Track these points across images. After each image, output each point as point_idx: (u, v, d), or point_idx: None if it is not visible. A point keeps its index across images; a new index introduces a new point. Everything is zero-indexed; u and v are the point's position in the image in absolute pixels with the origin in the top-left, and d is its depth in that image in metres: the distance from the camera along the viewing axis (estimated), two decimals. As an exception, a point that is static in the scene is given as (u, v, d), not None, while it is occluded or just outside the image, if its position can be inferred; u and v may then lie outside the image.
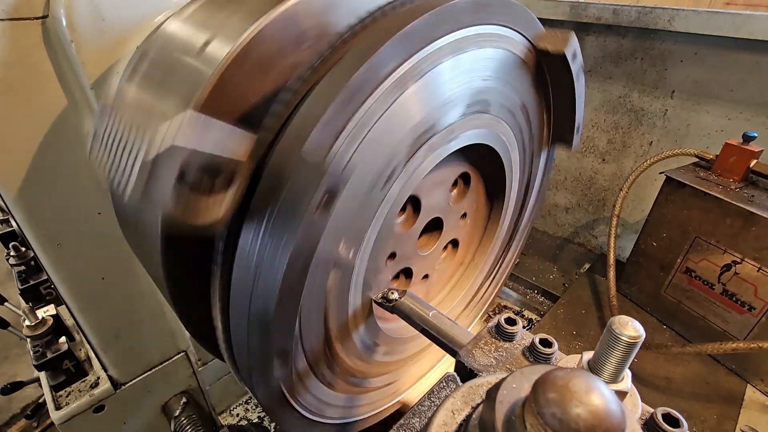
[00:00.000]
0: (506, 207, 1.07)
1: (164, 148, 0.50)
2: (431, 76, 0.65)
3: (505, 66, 0.80)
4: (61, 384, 1.45)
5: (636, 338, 0.47)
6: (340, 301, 0.78)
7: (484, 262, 1.16)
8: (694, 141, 1.95)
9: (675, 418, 0.47)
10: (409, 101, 0.63)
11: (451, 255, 1.11)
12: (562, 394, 0.30)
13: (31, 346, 1.43)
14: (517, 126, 0.93)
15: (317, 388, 0.85)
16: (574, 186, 2.45)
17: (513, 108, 0.88)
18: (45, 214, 1.15)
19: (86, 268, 1.28)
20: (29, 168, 1.09)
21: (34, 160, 1.11)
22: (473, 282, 1.16)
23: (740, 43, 1.68)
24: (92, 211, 1.22)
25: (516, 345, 0.67)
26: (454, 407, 0.44)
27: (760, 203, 1.42)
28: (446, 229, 1.00)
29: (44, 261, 1.21)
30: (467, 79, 0.74)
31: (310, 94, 0.57)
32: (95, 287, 1.31)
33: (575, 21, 2.06)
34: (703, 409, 1.43)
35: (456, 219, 1.02)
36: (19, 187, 1.09)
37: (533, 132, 0.99)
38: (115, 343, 1.44)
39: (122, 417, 1.56)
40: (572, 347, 1.65)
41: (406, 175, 0.71)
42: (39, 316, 1.48)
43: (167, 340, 1.57)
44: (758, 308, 1.44)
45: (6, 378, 3.12)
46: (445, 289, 1.15)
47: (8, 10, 0.92)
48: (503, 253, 1.22)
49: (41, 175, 1.11)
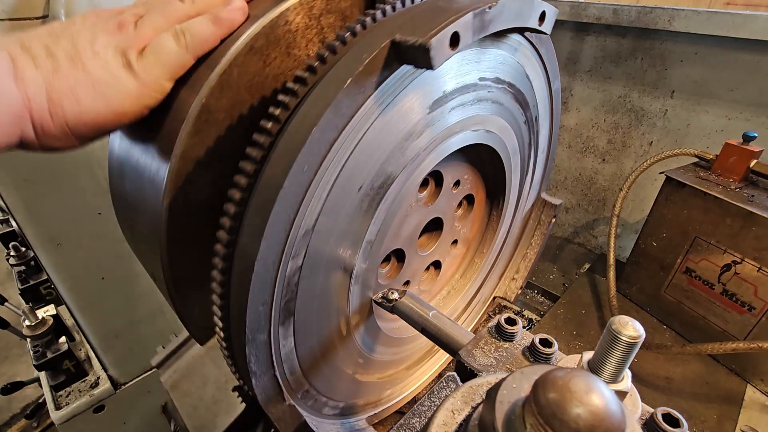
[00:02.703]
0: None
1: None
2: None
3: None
4: (61, 384, 1.46)
5: (636, 338, 0.47)
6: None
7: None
8: (694, 141, 1.95)
9: (675, 418, 0.47)
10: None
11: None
12: (562, 394, 0.30)
13: (31, 346, 1.44)
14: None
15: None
16: (574, 186, 2.45)
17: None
18: (45, 214, 1.16)
19: (86, 268, 1.28)
20: (29, 168, 1.10)
21: (34, 161, 1.12)
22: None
23: (740, 43, 1.68)
24: (92, 211, 1.22)
25: (516, 345, 0.67)
26: (454, 407, 0.44)
27: (760, 203, 1.42)
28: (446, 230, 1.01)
29: (44, 261, 1.22)
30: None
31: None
32: (95, 287, 1.31)
33: (575, 21, 2.06)
34: (703, 409, 1.43)
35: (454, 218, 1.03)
36: (19, 187, 1.09)
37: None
38: (115, 343, 1.44)
39: (122, 417, 1.56)
40: (572, 347, 1.65)
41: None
42: (39, 316, 1.48)
43: (167, 339, 1.57)
44: (758, 308, 1.44)
45: (6, 378, 3.12)
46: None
47: (8, 10, 0.92)
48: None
49: (41, 175, 1.11)
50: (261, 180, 0.56)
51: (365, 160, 0.64)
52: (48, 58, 0.54)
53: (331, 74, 0.56)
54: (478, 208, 1.08)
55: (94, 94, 0.55)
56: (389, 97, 0.62)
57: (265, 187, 0.55)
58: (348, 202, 0.66)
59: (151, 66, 0.58)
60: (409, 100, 0.65)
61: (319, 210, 0.61)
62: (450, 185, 0.93)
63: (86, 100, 0.55)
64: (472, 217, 1.09)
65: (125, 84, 0.57)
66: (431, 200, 0.92)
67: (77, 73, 0.55)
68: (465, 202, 1.06)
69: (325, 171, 0.58)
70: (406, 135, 0.69)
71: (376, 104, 0.60)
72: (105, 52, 0.56)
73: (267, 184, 0.55)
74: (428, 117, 0.71)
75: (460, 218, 1.06)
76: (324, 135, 0.55)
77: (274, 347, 0.69)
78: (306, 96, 0.57)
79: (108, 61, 0.56)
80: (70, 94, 0.54)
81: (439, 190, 0.92)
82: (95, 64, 0.55)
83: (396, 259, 0.97)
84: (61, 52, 0.55)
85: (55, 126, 0.55)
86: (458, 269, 1.16)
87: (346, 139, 0.59)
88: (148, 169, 0.66)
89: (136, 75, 0.57)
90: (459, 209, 1.06)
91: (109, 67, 0.56)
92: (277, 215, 0.55)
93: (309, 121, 0.54)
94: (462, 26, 0.57)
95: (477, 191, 1.04)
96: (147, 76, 0.58)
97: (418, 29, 0.55)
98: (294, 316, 0.69)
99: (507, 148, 0.95)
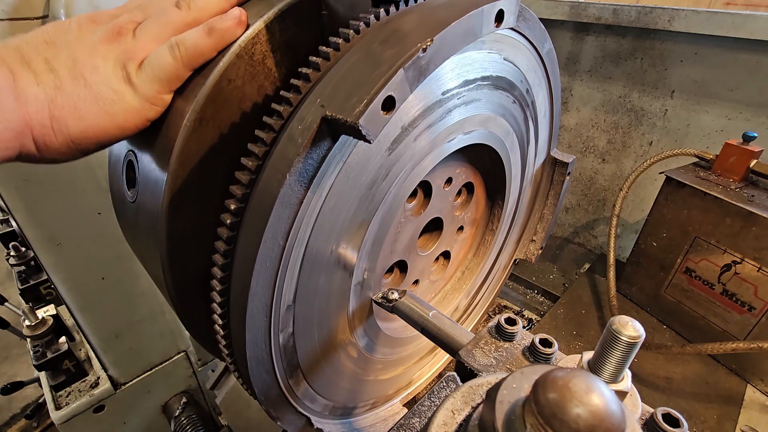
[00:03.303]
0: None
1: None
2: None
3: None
4: (61, 384, 1.46)
5: (636, 338, 0.47)
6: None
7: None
8: (694, 141, 1.95)
9: (675, 418, 0.47)
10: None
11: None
12: (562, 394, 0.30)
13: (31, 346, 1.44)
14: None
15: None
16: (574, 186, 2.45)
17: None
18: (45, 214, 1.15)
19: (86, 268, 1.28)
20: (29, 168, 1.09)
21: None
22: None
23: (740, 43, 1.68)
24: (92, 211, 1.22)
25: (516, 345, 0.67)
26: (454, 407, 0.44)
27: (760, 203, 1.42)
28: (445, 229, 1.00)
29: (44, 261, 1.21)
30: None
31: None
32: (95, 287, 1.31)
33: (575, 21, 2.06)
34: (703, 409, 1.43)
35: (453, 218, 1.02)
36: (19, 187, 1.09)
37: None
38: (115, 343, 1.44)
39: (122, 417, 1.56)
40: (572, 347, 1.65)
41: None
42: (39, 316, 1.48)
43: (167, 340, 1.57)
44: (758, 308, 1.44)
45: (6, 378, 3.12)
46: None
47: (8, 10, 0.92)
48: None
49: (41, 175, 1.11)
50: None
51: (331, 224, 0.65)
52: (49, 74, 0.54)
53: (270, 167, 0.55)
54: (479, 190, 1.05)
55: (98, 110, 0.55)
56: (338, 164, 0.60)
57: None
58: (324, 262, 0.68)
59: (149, 80, 0.57)
60: (360, 155, 0.62)
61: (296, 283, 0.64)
62: (441, 186, 0.91)
63: (90, 116, 0.55)
64: (475, 199, 1.06)
65: (127, 99, 0.57)
66: (423, 208, 0.90)
67: (79, 90, 0.54)
68: (464, 190, 1.02)
69: (293, 244, 0.60)
70: (370, 183, 0.67)
71: (328, 173, 0.59)
72: (105, 66, 0.56)
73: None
74: (390, 158, 0.68)
75: (461, 207, 1.04)
76: (279, 227, 0.56)
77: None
78: (255, 183, 0.56)
79: (109, 76, 0.56)
80: (73, 111, 0.54)
81: (428, 199, 0.90)
82: (97, 80, 0.55)
83: (399, 269, 0.96)
84: (62, 67, 0.54)
85: (59, 141, 0.56)
86: (470, 250, 1.14)
87: (305, 215, 0.59)
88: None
89: (136, 89, 0.57)
90: (458, 198, 1.02)
91: (111, 82, 0.56)
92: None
93: (264, 214, 0.54)
94: (395, 87, 0.51)
95: (474, 177, 1.01)
96: (147, 91, 0.58)
97: (348, 99, 0.50)
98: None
99: (497, 135, 0.90)
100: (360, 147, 0.61)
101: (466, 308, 1.28)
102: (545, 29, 0.85)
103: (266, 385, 0.72)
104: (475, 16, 0.59)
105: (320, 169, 0.56)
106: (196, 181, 0.62)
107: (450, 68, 0.70)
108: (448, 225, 1.00)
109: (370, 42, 0.57)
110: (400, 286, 0.96)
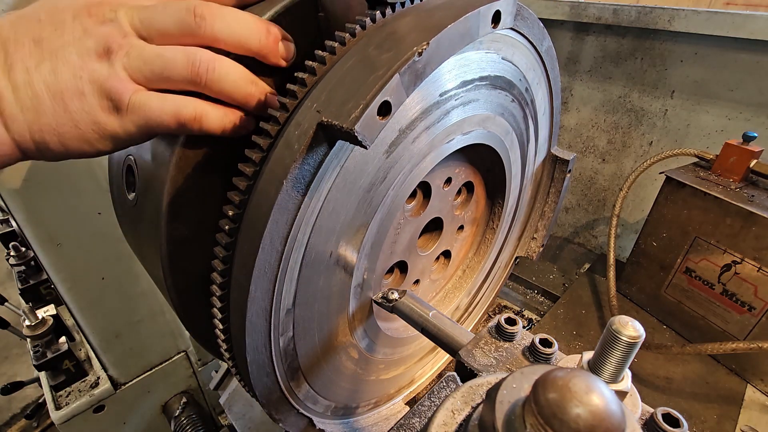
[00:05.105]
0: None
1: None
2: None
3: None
4: (61, 384, 1.46)
5: (636, 338, 0.47)
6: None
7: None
8: (694, 141, 1.94)
9: (675, 418, 0.47)
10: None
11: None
12: (562, 394, 0.30)
13: (31, 346, 1.44)
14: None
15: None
16: (574, 186, 2.45)
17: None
18: (45, 214, 1.15)
19: (86, 268, 1.28)
20: (29, 168, 1.09)
21: (34, 161, 1.12)
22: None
23: (740, 43, 1.68)
24: (92, 211, 1.22)
25: (516, 345, 0.67)
26: (454, 407, 0.44)
27: (760, 203, 1.42)
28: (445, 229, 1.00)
29: (44, 261, 1.21)
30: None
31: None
32: (95, 287, 1.31)
33: (575, 21, 2.06)
34: (703, 409, 1.43)
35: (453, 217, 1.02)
36: (19, 187, 1.09)
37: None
38: (115, 343, 1.44)
39: (122, 417, 1.56)
40: (572, 347, 1.65)
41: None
42: (39, 316, 1.48)
43: (167, 340, 1.57)
44: (758, 308, 1.44)
45: (6, 378, 3.13)
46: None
47: (8, 11, 0.92)
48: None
49: (41, 175, 1.11)
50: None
51: (330, 228, 0.65)
52: (27, 89, 0.49)
53: (267, 173, 0.55)
54: (479, 189, 1.04)
55: (78, 136, 0.53)
56: (335, 169, 0.60)
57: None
58: (323, 266, 0.68)
59: (137, 122, 0.54)
60: (357, 159, 0.62)
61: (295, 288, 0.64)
62: (440, 187, 0.91)
63: (70, 141, 0.53)
64: (475, 198, 1.05)
65: (111, 130, 0.54)
66: (422, 208, 0.90)
67: (59, 116, 0.51)
68: (464, 189, 1.02)
69: (292, 249, 0.60)
70: (368, 186, 0.67)
71: (326, 178, 0.59)
72: (90, 92, 0.51)
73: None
74: (388, 161, 0.68)
75: (461, 206, 1.03)
76: (276, 233, 0.56)
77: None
78: (252, 190, 0.56)
79: (93, 105, 0.52)
80: (54, 135, 0.52)
81: (428, 200, 0.89)
82: (77, 107, 0.51)
83: (399, 270, 0.96)
84: (41, 84, 0.50)
85: (49, 156, 0.55)
86: (470, 249, 1.14)
87: (302, 220, 0.59)
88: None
89: (122, 123, 0.54)
90: (458, 198, 1.02)
91: (93, 112, 0.52)
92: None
93: (262, 220, 0.54)
94: (391, 92, 0.50)
95: (474, 176, 1.01)
96: (133, 128, 0.54)
97: (344, 104, 0.50)
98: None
99: (497, 135, 0.90)
100: (357, 151, 0.61)
101: (468, 307, 1.28)
102: (544, 27, 0.85)
103: (267, 389, 0.72)
104: (472, 18, 0.59)
105: (317, 175, 0.56)
106: (195, 187, 0.62)
107: (448, 69, 0.70)
108: (448, 224, 1.00)
109: (366, 45, 0.57)
110: (401, 286, 0.95)
